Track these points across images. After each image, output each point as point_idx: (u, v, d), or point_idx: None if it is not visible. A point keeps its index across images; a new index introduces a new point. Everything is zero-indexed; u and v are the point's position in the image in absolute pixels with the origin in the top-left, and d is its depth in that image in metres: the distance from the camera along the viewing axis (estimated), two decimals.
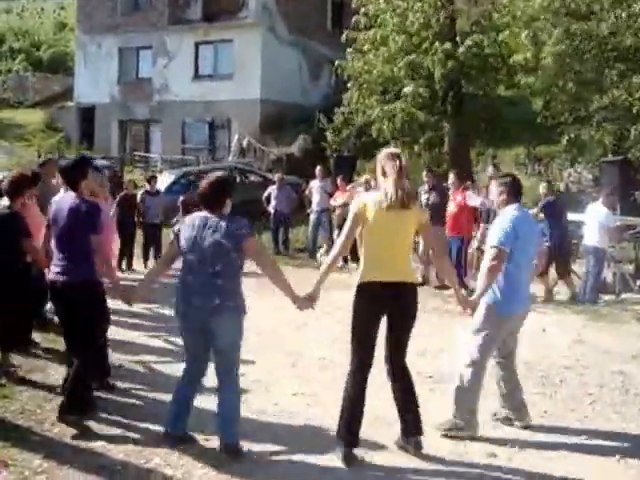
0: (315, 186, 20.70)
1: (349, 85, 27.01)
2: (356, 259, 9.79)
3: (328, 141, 30.41)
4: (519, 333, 7.75)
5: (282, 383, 8.92)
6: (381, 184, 6.75)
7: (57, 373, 8.85)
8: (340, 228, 19.45)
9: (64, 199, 7.61)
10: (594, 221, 14.91)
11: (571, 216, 15.98)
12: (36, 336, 10.09)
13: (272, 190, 21.13)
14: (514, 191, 7.62)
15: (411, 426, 6.79)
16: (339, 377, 8.66)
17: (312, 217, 20.42)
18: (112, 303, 8.14)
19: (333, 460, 6.59)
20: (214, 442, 6.77)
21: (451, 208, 15.72)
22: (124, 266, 17.15)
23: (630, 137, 22.16)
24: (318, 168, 21.16)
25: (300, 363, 9.95)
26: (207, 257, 6.49)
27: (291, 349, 10.44)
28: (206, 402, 7.16)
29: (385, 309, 6.70)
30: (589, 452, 7.15)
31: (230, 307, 6.53)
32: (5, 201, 8.97)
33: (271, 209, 20.93)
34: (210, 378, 6.88)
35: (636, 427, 7.89)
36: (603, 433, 7.67)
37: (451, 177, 16.47)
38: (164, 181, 24.90)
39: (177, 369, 7.41)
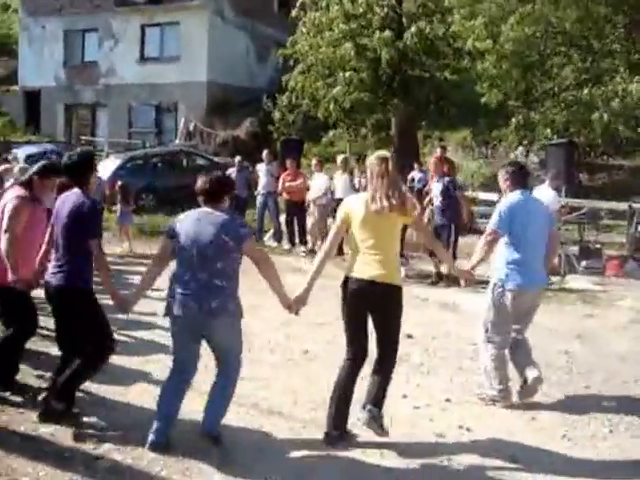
0: (262, 169, 20.67)
1: (295, 71, 26.98)
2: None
3: (275, 124, 30.38)
4: (534, 311, 8.29)
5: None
6: (369, 186, 6.84)
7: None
8: (288, 213, 19.53)
9: (70, 195, 7.08)
10: None
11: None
12: None
13: (231, 173, 21.03)
14: (517, 178, 8.20)
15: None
16: (288, 360, 8.74)
17: (259, 200, 20.41)
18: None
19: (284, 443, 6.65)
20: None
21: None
22: None
23: (577, 122, 22.42)
24: (265, 151, 21.13)
25: (251, 346, 9.97)
26: (207, 255, 6.37)
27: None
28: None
29: (368, 306, 6.78)
30: (535, 431, 7.30)
31: (229, 309, 6.42)
32: None
33: None
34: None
35: (581, 405, 8.03)
36: (549, 412, 7.81)
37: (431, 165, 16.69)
38: (110, 166, 24.75)
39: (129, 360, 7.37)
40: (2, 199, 7.85)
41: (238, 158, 21.80)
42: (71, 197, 7.03)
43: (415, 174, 20.65)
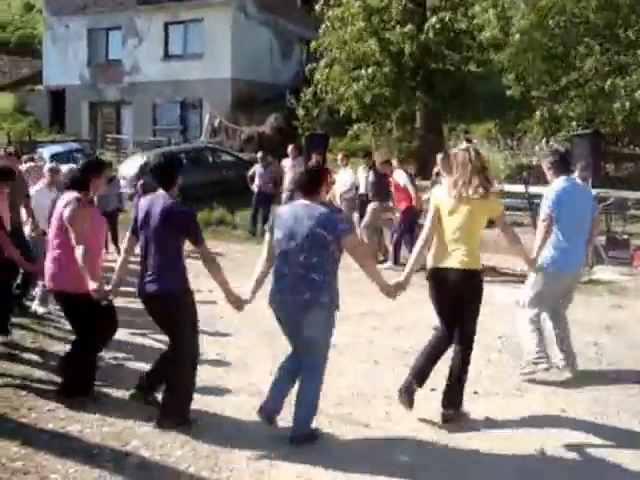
0: (287, 165, 20.63)
1: (321, 63, 26.93)
2: None
3: (299, 119, 30.34)
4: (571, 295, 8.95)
5: (259, 362, 8.93)
6: (453, 175, 7.10)
7: (31, 362, 8.86)
8: None
9: (155, 200, 6.94)
10: None
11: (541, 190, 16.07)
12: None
13: (257, 169, 20.99)
14: (559, 165, 8.67)
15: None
16: None
17: (284, 196, 20.33)
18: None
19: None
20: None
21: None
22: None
23: (601, 113, 22.27)
24: (290, 147, 21.07)
25: (276, 342, 9.97)
26: (304, 248, 6.41)
27: (267, 328, 10.47)
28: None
29: (451, 293, 7.04)
30: (564, 423, 7.25)
31: (322, 302, 6.44)
32: None
33: (255, 187, 20.81)
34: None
35: (611, 395, 7.99)
36: (578, 403, 7.76)
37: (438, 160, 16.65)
38: (135, 163, 24.79)
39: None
40: (58, 202, 7.58)
41: (260, 154, 21.75)
42: (158, 200, 6.90)
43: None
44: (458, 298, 7.00)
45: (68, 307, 7.62)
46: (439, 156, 15.39)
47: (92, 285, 7.04)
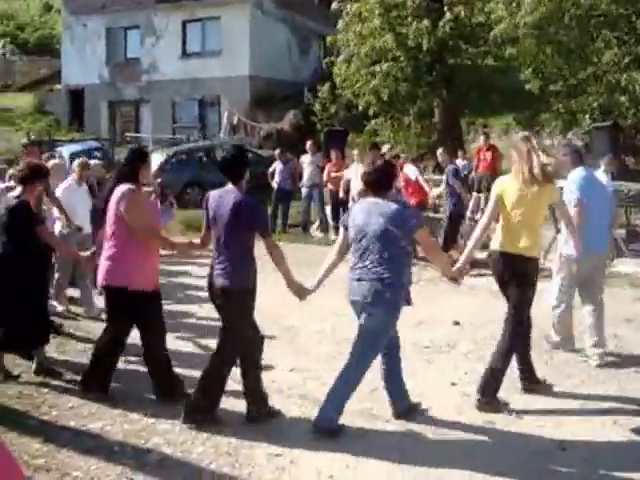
0: (306, 161, 20.63)
1: (339, 59, 26.91)
2: None
3: (317, 116, 30.32)
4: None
5: (279, 359, 8.94)
6: (516, 165, 7.33)
7: (52, 359, 8.89)
8: (333, 204, 19.52)
9: (226, 194, 6.94)
10: None
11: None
12: None
13: (277, 166, 21.02)
14: (576, 157, 9.06)
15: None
16: (335, 351, 8.70)
17: (303, 192, 20.36)
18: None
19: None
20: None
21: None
22: None
23: (617, 106, 22.18)
24: (309, 143, 21.06)
25: (297, 339, 10.00)
26: (375, 244, 6.49)
27: (287, 325, 10.50)
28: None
29: (504, 277, 7.40)
30: (586, 416, 7.23)
31: (385, 298, 6.49)
32: (15, 193, 8.30)
33: (274, 184, 20.85)
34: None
35: (632, 389, 7.95)
36: (600, 397, 7.73)
37: (439, 154, 16.74)
38: (155, 161, 24.81)
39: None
40: (112, 196, 7.45)
41: (278, 151, 21.76)
42: (229, 195, 6.89)
43: (459, 162, 20.44)
44: (518, 283, 7.27)
45: (121, 302, 7.47)
46: (439, 151, 16.39)
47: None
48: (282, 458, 6.26)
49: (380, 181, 6.68)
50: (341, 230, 6.98)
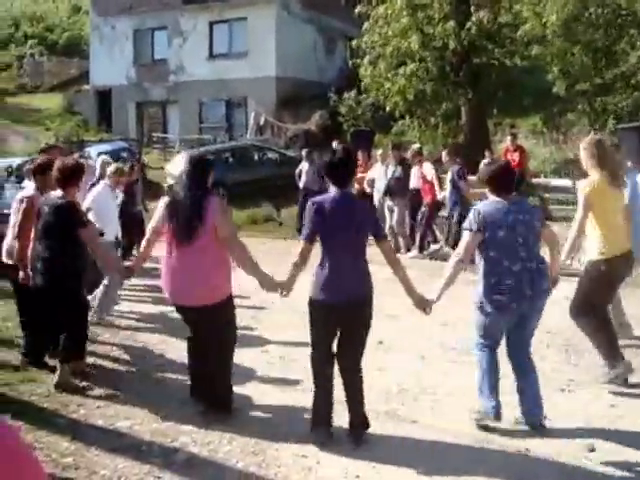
0: None
1: (365, 60, 26.88)
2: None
3: (344, 116, 30.31)
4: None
5: (305, 359, 8.95)
6: (593, 168, 7.59)
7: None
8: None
9: (339, 199, 6.50)
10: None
11: None
12: None
13: (303, 166, 21.07)
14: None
15: None
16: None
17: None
18: None
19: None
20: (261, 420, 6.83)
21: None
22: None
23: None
24: (335, 142, 21.02)
25: None
26: (529, 242, 6.61)
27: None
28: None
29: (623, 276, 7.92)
30: (615, 419, 7.17)
31: (547, 289, 6.78)
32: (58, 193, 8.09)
33: (301, 184, 20.92)
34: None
35: None
36: (628, 399, 7.69)
37: (443, 154, 17.00)
38: (182, 162, 24.91)
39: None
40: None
41: (304, 151, 21.79)
42: (346, 200, 6.48)
43: (485, 162, 20.37)
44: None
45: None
46: (444, 151, 16.95)
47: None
48: (308, 458, 6.27)
49: (504, 180, 6.80)
50: (472, 234, 6.65)
